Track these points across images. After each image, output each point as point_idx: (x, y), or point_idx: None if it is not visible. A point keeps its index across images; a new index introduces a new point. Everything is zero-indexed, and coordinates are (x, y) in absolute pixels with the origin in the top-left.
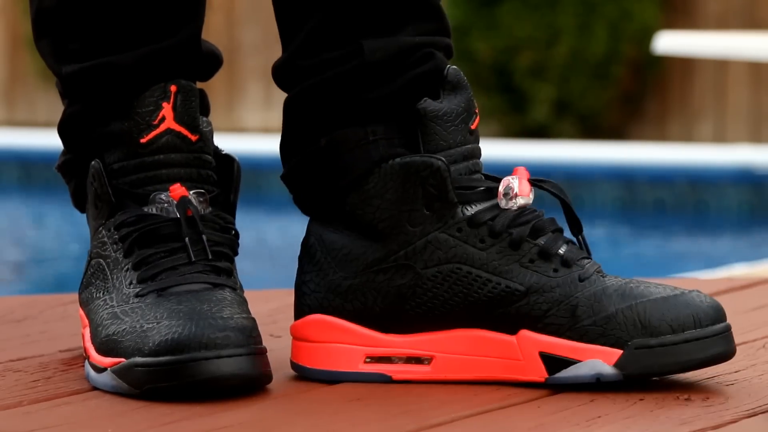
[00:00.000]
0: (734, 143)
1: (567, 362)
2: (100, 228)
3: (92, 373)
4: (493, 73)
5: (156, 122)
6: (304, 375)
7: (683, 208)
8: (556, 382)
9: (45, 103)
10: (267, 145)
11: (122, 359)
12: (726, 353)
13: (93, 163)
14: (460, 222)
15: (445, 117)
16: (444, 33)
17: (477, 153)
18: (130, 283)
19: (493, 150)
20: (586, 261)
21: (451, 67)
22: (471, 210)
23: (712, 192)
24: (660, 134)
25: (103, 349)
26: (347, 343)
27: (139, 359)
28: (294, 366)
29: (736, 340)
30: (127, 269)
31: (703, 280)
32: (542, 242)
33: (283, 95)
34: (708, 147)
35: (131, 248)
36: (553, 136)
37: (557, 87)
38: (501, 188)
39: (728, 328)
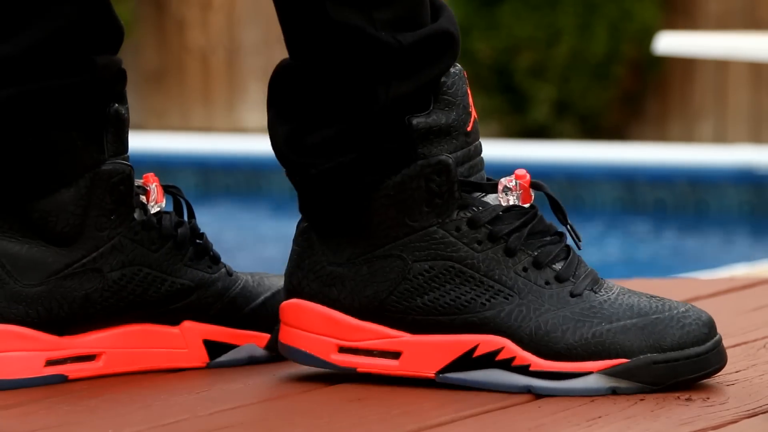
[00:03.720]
0: (734, 143)
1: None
2: (433, 228)
3: (540, 382)
4: (493, 73)
5: (470, 109)
6: None
7: (683, 208)
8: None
9: None
10: (267, 145)
11: (623, 359)
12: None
13: (442, 158)
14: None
15: None
16: None
17: None
18: (547, 283)
19: (493, 150)
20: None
21: None
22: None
23: (712, 192)
24: (660, 134)
25: (577, 353)
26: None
27: (656, 356)
28: None
29: (737, 340)
30: (526, 268)
31: (703, 280)
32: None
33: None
34: (708, 147)
35: (513, 245)
36: (554, 136)
37: (557, 87)
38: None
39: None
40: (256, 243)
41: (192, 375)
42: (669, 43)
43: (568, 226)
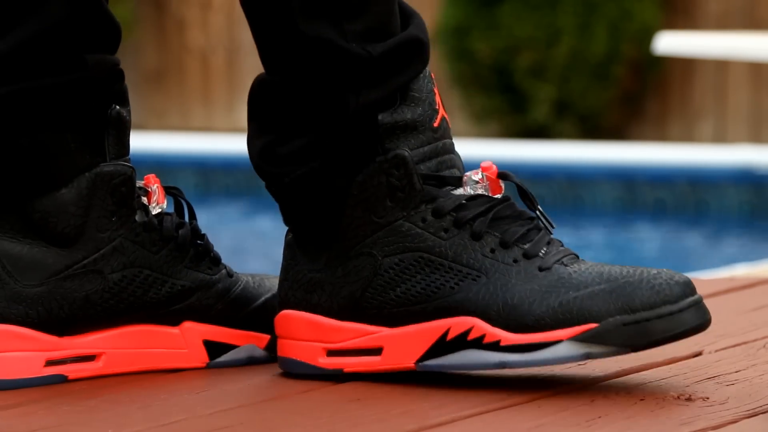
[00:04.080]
0: (734, 143)
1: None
2: (399, 221)
3: (513, 356)
4: (493, 73)
5: (437, 107)
6: None
7: (683, 208)
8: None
9: None
10: None
11: (592, 324)
12: None
13: (398, 152)
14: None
15: None
16: None
17: None
18: (515, 261)
19: (493, 150)
20: None
21: None
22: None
23: (712, 192)
24: (660, 134)
25: (546, 323)
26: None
27: (626, 317)
28: None
29: (737, 340)
30: (493, 249)
31: (703, 280)
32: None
33: None
34: (708, 147)
35: (478, 229)
36: (554, 136)
37: (557, 87)
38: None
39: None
40: (255, 243)
41: (192, 375)
42: (669, 43)
43: (538, 212)
